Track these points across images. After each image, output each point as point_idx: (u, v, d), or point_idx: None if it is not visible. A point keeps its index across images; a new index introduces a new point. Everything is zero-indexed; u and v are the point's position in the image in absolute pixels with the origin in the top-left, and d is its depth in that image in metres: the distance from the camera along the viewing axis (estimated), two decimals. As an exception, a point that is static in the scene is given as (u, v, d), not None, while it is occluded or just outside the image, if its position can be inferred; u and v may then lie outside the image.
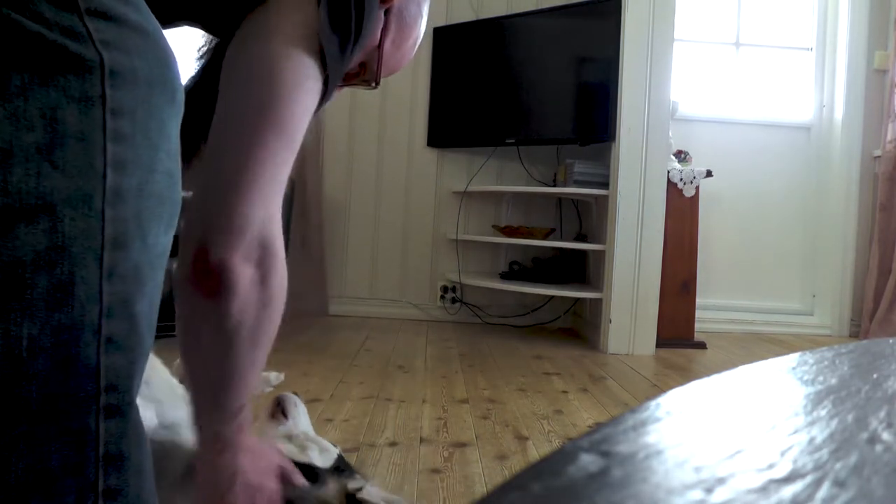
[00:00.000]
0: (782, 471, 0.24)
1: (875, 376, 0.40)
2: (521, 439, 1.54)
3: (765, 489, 0.22)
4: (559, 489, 0.22)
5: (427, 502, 1.17)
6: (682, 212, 2.93)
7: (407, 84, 3.40)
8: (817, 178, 3.60)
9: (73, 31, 0.49)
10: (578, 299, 3.27)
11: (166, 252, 0.57)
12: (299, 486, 0.82)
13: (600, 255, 2.91)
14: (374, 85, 0.83)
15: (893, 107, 3.39)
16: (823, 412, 0.32)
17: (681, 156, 3.18)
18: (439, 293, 3.40)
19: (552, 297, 3.27)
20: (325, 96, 0.73)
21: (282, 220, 0.70)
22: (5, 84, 0.46)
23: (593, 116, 2.92)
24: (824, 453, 0.26)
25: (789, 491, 0.22)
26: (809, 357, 0.44)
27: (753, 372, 0.40)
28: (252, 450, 0.76)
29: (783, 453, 0.26)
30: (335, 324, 3.10)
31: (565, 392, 2.02)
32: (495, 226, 3.24)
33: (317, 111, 0.76)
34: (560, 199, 3.40)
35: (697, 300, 2.98)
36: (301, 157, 3.27)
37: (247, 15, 0.72)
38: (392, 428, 1.58)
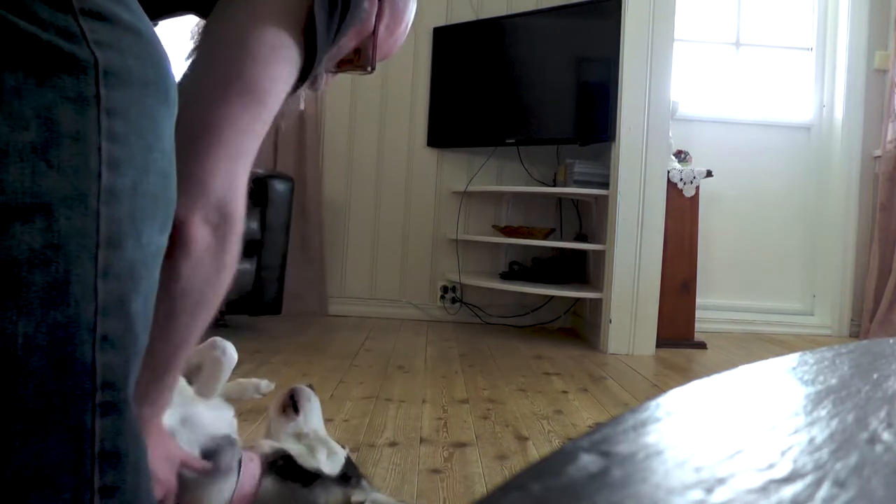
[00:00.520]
0: (782, 471, 0.24)
1: (875, 376, 0.40)
2: (521, 439, 1.54)
3: (765, 489, 0.22)
4: (559, 489, 0.22)
5: (427, 502, 1.17)
6: (682, 212, 2.93)
7: (407, 84, 3.40)
8: (817, 178, 3.60)
9: (68, 31, 0.49)
10: (578, 299, 3.27)
11: (160, 252, 0.58)
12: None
13: (600, 255, 2.91)
14: (369, 70, 0.84)
15: (893, 107, 3.39)
16: (823, 412, 0.32)
17: (681, 156, 3.18)
18: (439, 293, 3.40)
19: (552, 297, 3.27)
20: (311, 72, 0.73)
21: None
22: (0, 84, 0.47)
23: (593, 116, 2.92)
24: (824, 453, 0.26)
25: (789, 491, 0.22)
26: (809, 357, 0.44)
27: (753, 372, 0.40)
28: (157, 436, 0.73)
29: (783, 453, 0.26)
30: (335, 324, 3.10)
31: (565, 392, 2.02)
32: (495, 226, 3.25)
33: (311, 90, 0.76)
34: (560, 199, 3.40)
35: (697, 300, 2.98)
36: (301, 157, 3.28)
37: None
38: (392, 428, 1.58)
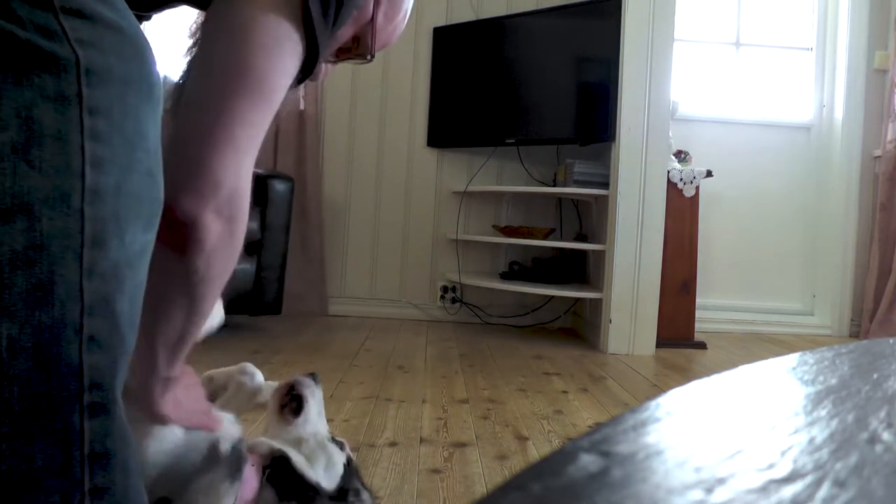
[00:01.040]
0: (782, 471, 0.24)
1: (875, 376, 0.40)
2: (521, 439, 1.54)
3: (765, 489, 0.22)
4: (559, 489, 0.22)
5: (427, 502, 1.17)
6: (682, 212, 2.93)
7: (407, 84, 3.40)
8: (817, 178, 3.60)
9: (48, 29, 0.48)
10: (578, 299, 3.27)
11: (146, 251, 0.57)
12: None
13: (600, 255, 2.91)
14: (369, 58, 0.83)
15: (893, 107, 3.39)
16: (823, 412, 0.32)
17: (681, 156, 3.18)
18: (439, 293, 3.40)
19: (552, 297, 3.27)
20: (313, 63, 0.73)
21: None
22: None
23: (593, 116, 2.92)
24: (824, 453, 0.26)
25: (789, 491, 0.22)
26: (809, 357, 0.44)
27: (753, 372, 0.40)
28: (187, 390, 0.77)
29: (783, 453, 0.26)
30: (335, 324, 3.10)
31: (565, 392, 2.02)
32: (495, 226, 3.25)
33: (311, 80, 0.76)
34: (560, 199, 3.40)
35: (697, 300, 2.98)
36: (301, 157, 3.28)
37: None
38: (392, 428, 1.58)
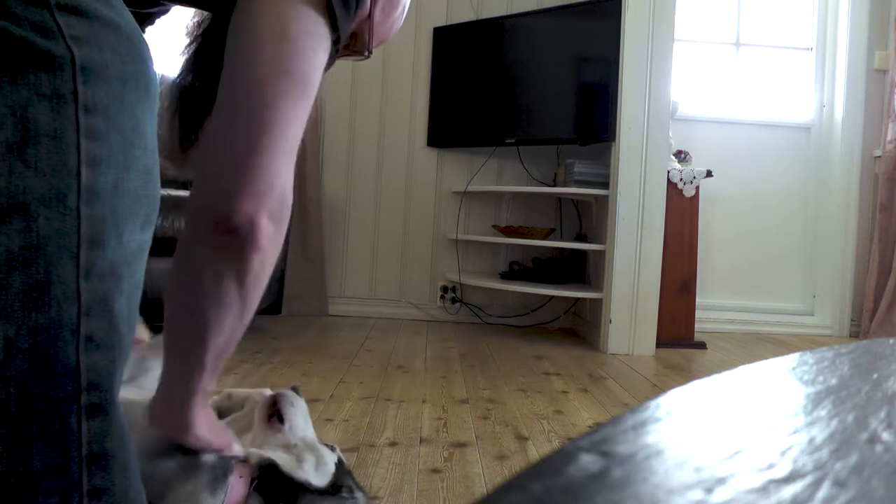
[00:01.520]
0: (782, 471, 0.24)
1: (875, 376, 0.40)
2: (521, 439, 1.54)
3: (765, 489, 0.22)
4: (559, 489, 0.22)
5: (427, 502, 1.17)
6: (682, 212, 2.93)
7: (407, 84, 3.40)
8: (817, 178, 3.60)
9: (43, 26, 0.48)
10: (578, 299, 3.27)
11: (143, 250, 0.57)
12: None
13: (600, 255, 2.91)
14: (366, 54, 0.82)
15: (893, 107, 3.39)
16: (823, 412, 0.32)
17: (681, 156, 3.18)
18: (439, 293, 3.40)
19: (552, 297, 3.27)
20: (332, 56, 0.73)
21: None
22: None
23: (593, 116, 2.92)
24: (824, 453, 0.26)
25: (789, 491, 0.22)
26: (809, 357, 0.44)
27: (753, 372, 0.40)
28: (205, 410, 0.78)
29: (783, 453, 0.26)
30: (335, 324, 3.10)
31: (565, 392, 2.02)
32: (495, 226, 3.25)
33: (325, 71, 0.76)
34: (560, 199, 3.40)
35: (697, 300, 2.98)
36: (301, 156, 3.28)
37: None
38: (392, 428, 1.58)
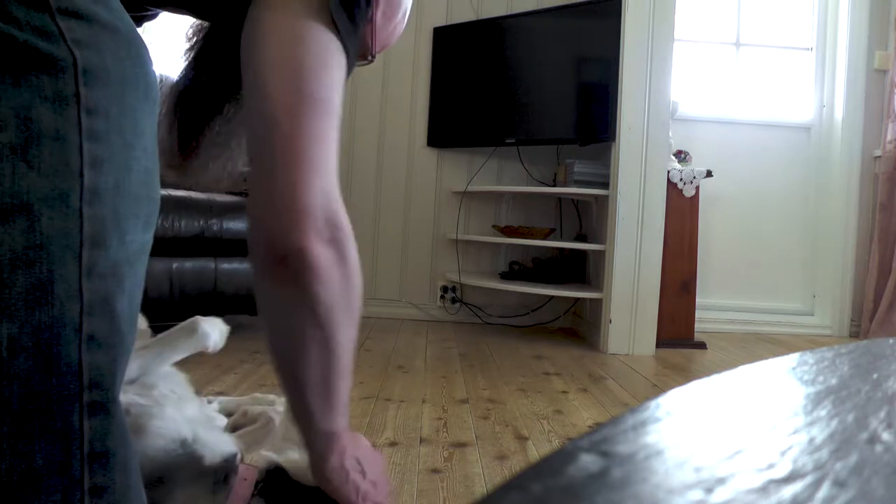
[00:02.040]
0: (782, 471, 0.24)
1: (875, 376, 0.40)
2: (521, 439, 1.54)
3: (765, 489, 0.22)
4: (559, 489, 0.22)
5: (427, 502, 1.17)
6: (682, 212, 2.93)
7: (407, 84, 3.40)
8: (817, 178, 3.60)
9: (45, 30, 0.49)
10: (578, 299, 3.27)
11: (144, 250, 0.57)
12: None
13: (600, 255, 2.91)
14: (369, 59, 0.82)
15: (893, 107, 3.39)
16: (823, 412, 0.32)
17: (681, 156, 3.18)
18: (439, 293, 3.40)
19: (552, 297, 3.27)
20: (348, 70, 0.73)
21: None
22: None
23: (593, 116, 2.92)
24: (824, 453, 0.26)
25: (789, 491, 0.22)
26: (809, 357, 0.44)
27: (753, 372, 0.40)
28: (355, 441, 0.76)
29: (783, 453, 0.26)
30: (335, 324, 3.09)
31: (565, 392, 2.02)
32: (495, 226, 3.24)
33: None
34: (560, 199, 3.40)
35: (697, 300, 2.98)
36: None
37: None
38: (392, 428, 1.58)
